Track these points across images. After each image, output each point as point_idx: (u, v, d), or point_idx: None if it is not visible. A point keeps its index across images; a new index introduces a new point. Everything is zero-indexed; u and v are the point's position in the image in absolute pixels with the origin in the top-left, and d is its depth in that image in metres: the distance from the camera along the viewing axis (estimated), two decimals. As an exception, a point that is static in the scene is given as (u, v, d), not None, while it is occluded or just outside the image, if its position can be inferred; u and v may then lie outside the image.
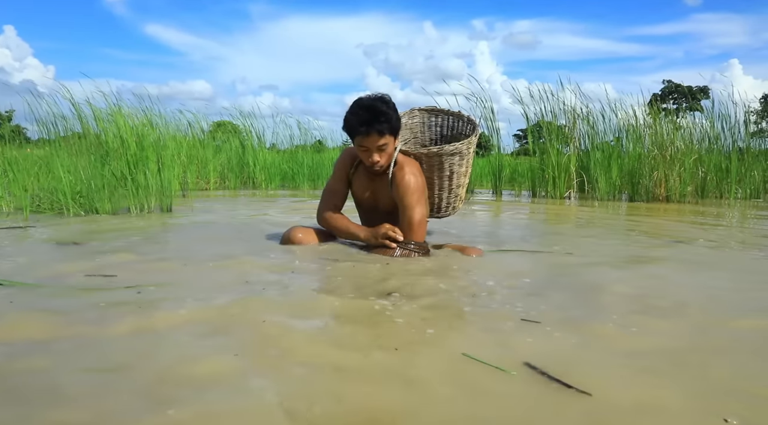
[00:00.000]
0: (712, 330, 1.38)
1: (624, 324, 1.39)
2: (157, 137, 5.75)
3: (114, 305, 1.46)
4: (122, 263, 2.03)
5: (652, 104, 7.38)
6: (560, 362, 1.10)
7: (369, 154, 2.19)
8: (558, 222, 4.22)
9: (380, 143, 2.16)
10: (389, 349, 1.17)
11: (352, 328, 1.35)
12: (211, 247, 2.46)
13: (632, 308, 1.55)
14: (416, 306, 1.50)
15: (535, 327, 1.34)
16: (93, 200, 3.69)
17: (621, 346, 1.24)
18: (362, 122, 2.12)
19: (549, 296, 1.66)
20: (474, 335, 1.33)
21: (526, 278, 1.92)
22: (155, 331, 1.27)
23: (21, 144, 6.48)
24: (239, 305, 1.46)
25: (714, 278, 2.04)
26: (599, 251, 2.60)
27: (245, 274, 1.87)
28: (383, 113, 2.12)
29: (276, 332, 1.27)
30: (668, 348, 1.23)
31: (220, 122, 9.51)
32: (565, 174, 6.36)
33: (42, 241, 2.60)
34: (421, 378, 1.03)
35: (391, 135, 2.18)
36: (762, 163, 7.22)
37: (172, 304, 1.48)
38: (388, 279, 1.81)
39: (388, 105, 2.18)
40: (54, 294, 1.57)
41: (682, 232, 3.45)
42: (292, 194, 6.52)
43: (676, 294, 1.76)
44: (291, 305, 1.51)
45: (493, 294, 1.68)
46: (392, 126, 2.17)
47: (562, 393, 0.97)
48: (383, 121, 2.12)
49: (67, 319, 1.33)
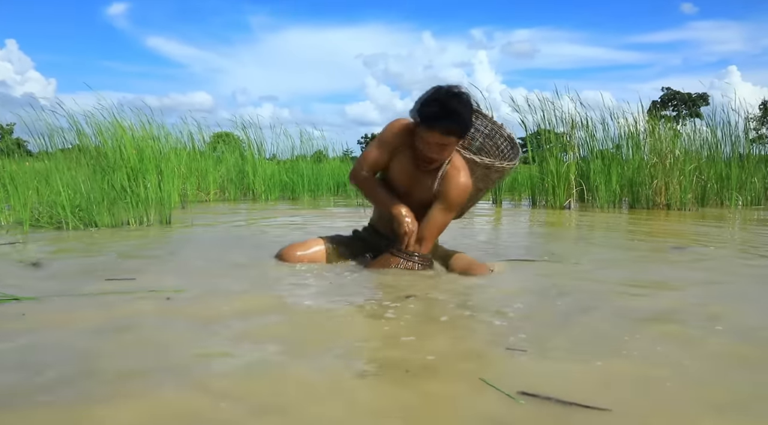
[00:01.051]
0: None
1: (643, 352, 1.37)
2: (158, 149, 5.76)
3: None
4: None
5: (652, 112, 7.39)
6: (563, 386, 1.08)
7: (428, 148, 2.07)
8: (556, 237, 4.20)
9: (443, 142, 2.05)
10: (400, 370, 1.15)
11: (366, 343, 1.33)
12: (206, 271, 2.44)
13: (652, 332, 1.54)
14: (428, 326, 1.49)
15: (528, 353, 1.30)
16: (92, 213, 3.69)
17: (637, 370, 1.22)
18: (432, 116, 2.01)
19: (549, 322, 1.65)
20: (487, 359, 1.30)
21: (531, 296, 1.91)
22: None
23: (21, 157, 6.50)
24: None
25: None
26: (607, 263, 2.59)
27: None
28: (457, 113, 2.01)
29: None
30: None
31: (221, 133, 9.54)
32: (565, 183, 6.36)
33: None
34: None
35: (457, 138, 2.08)
36: (762, 170, 7.22)
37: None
38: (399, 295, 1.80)
39: (465, 106, 2.07)
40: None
41: (684, 236, 3.44)
42: (292, 205, 6.52)
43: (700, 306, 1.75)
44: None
45: (501, 316, 1.66)
46: (461, 129, 2.07)
47: (579, 413, 0.95)
48: (454, 122, 2.01)
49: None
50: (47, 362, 1.17)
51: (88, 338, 1.34)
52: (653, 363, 1.20)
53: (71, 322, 1.46)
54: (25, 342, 1.30)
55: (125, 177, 4.29)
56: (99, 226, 3.67)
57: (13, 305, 1.62)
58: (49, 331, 1.38)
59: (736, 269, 2.53)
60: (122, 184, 4.14)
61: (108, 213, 3.75)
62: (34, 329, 1.40)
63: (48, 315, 1.52)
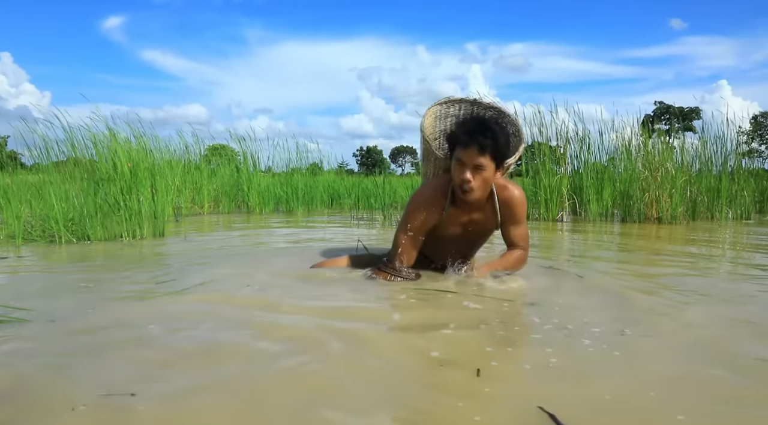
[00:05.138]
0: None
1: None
2: (152, 162, 5.77)
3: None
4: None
5: (645, 125, 7.46)
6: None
7: (462, 170, 2.02)
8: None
9: (478, 162, 2.00)
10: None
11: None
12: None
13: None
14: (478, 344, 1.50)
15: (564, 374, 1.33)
16: (85, 227, 3.69)
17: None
18: (466, 132, 2.00)
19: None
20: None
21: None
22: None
23: (15, 170, 6.48)
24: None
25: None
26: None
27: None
28: (492, 130, 2.00)
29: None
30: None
31: (216, 145, 9.55)
32: (557, 196, 6.40)
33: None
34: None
35: (492, 159, 2.02)
36: (752, 183, 7.29)
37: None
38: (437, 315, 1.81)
39: (500, 127, 2.07)
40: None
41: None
42: (287, 218, 6.53)
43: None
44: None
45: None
46: (497, 148, 2.01)
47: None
48: (488, 137, 1.98)
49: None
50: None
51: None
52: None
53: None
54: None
55: (119, 191, 4.29)
56: (92, 240, 3.67)
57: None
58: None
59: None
60: (116, 197, 4.15)
61: (101, 227, 3.76)
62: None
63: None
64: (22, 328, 1.56)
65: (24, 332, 1.52)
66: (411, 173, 15.37)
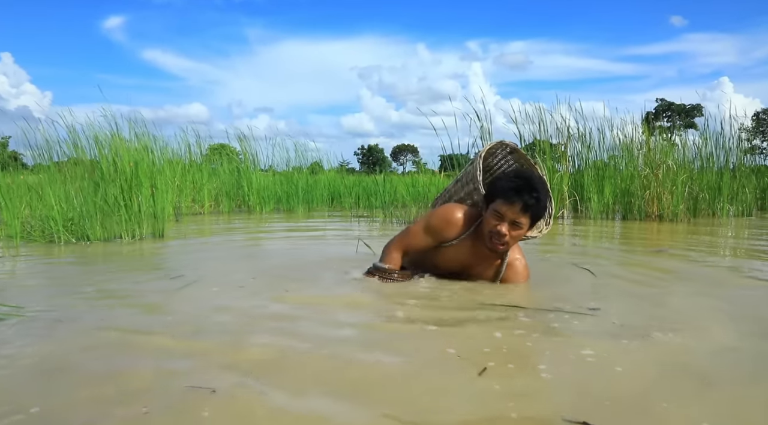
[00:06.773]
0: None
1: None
2: (152, 161, 5.76)
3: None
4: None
5: (647, 122, 7.44)
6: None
7: (500, 223, 2.02)
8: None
9: (519, 219, 2.01)
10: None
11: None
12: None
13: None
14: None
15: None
16: (85, 227, 3.69)
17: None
18: (516, 188, 1.98)
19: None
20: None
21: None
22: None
23: (16, 170, 6.49)
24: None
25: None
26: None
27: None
28: (537, 191, 2.00)
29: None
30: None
31: (217, 144, 9.55)
32: (558, 194, 6.39)
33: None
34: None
35: (531, 219, 2.04)
36: (753, 180, 7.27)
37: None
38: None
39: (545, 189, 2.07)
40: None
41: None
42: (287, 217, 6.52)
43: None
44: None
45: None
46: (538, 210, 2.03)
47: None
48: (534, 198, 1.99)
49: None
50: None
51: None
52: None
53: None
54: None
55: (119, 191, 4.29)
56: (91, 240, 3.67)
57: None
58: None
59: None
60: (115, 197, 4.15)
61: (100, 227, 3.75)
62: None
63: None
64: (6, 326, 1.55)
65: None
66: (412, 172, 15.33)
